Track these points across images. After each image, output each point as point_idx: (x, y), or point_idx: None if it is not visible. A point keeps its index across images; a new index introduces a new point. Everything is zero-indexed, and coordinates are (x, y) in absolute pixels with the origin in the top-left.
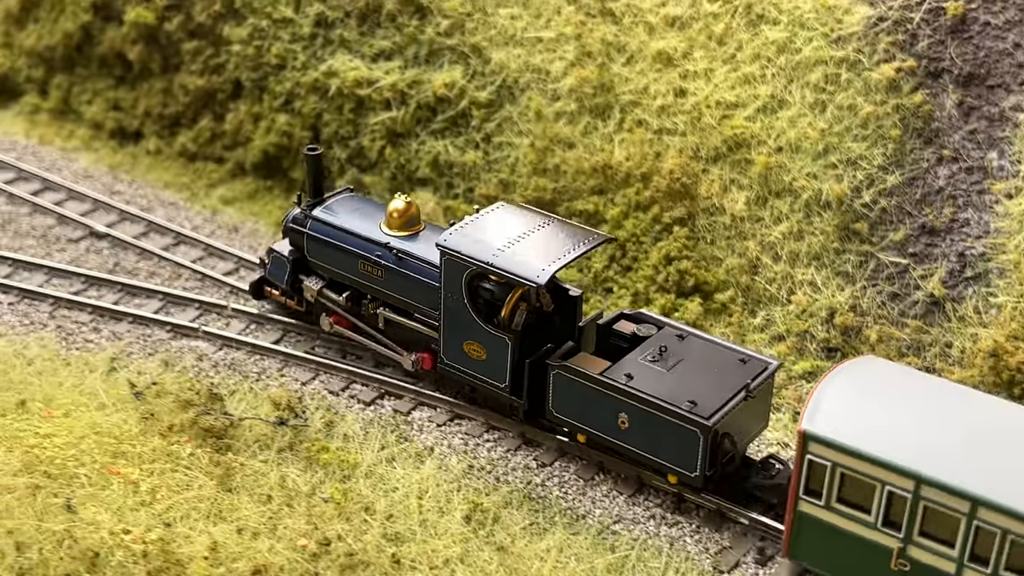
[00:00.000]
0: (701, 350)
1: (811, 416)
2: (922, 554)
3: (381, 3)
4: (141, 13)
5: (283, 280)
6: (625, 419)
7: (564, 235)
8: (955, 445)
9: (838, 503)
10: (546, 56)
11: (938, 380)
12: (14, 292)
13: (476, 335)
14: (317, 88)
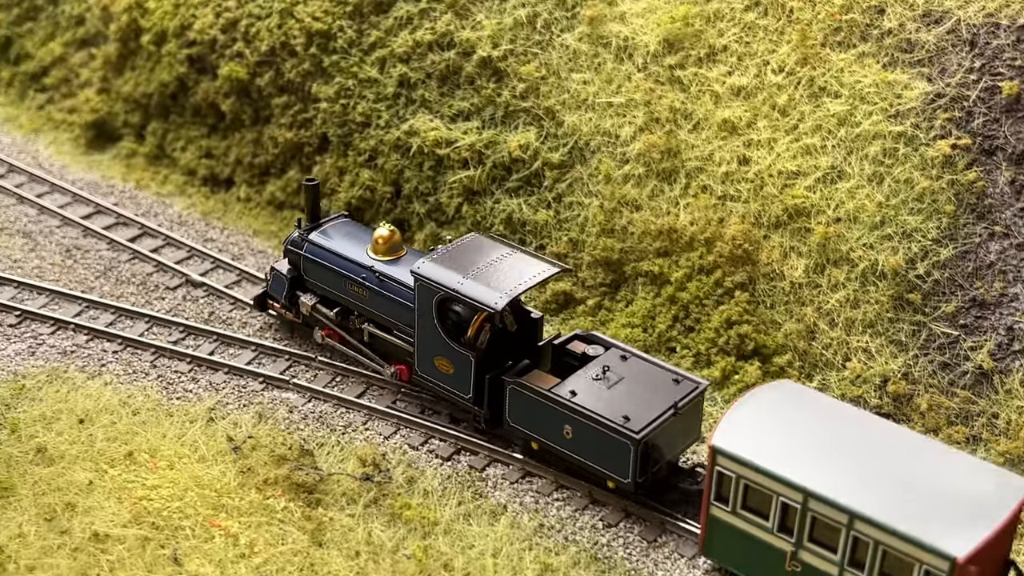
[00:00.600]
0: (640, 370)
1: (721, 433)
2: (811, 558)
3: (461, 66)
4: (234, 68)
5: (282, 295)
6: (569, 430)
7: (525, 265)
8: (843, 464)
9: (743, 509)
10: (616, 121)
11: (841, 404)
12: (118, 340)
13: (445, 352)
14: (399, 146)
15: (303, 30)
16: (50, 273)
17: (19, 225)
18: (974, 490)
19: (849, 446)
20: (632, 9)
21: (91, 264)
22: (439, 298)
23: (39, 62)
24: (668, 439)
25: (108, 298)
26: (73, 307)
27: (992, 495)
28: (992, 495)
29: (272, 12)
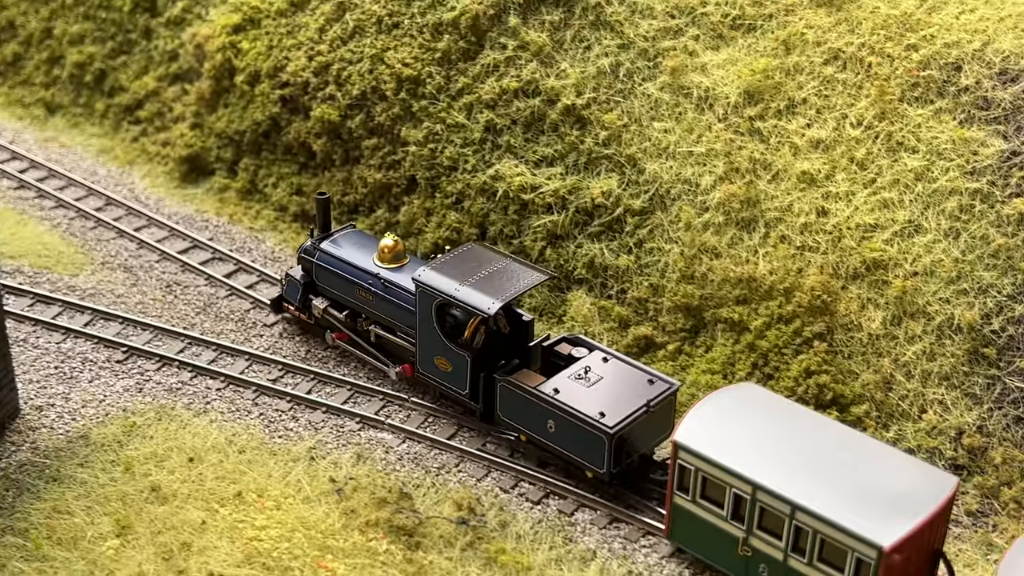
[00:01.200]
0: (619, 371)
1: (683, 430)
2: (760, 544)
3: (545, 113)
4: (326, 110)
5: (296, 299)
6: (552, 424)
7: (517, 273)
8: (791, 460)
9: (701, 499)
10: (696, 169)
11: (797, 407)
12: (221, 378)
13: (443, 352)
14: (485, 190)
15: (393, 76)
16: (152, 308)
17: (120, 259)
18: (907, 486)
19: (798, 444)
20: (713, 60)
21: (191, 300)
22: (438, 303)
23: (133, 95)
24: (641, 434)
25: (209, 335)
26: (176, 343)
27: (923, 491)
28: (923, 491)
29: (363, 57)
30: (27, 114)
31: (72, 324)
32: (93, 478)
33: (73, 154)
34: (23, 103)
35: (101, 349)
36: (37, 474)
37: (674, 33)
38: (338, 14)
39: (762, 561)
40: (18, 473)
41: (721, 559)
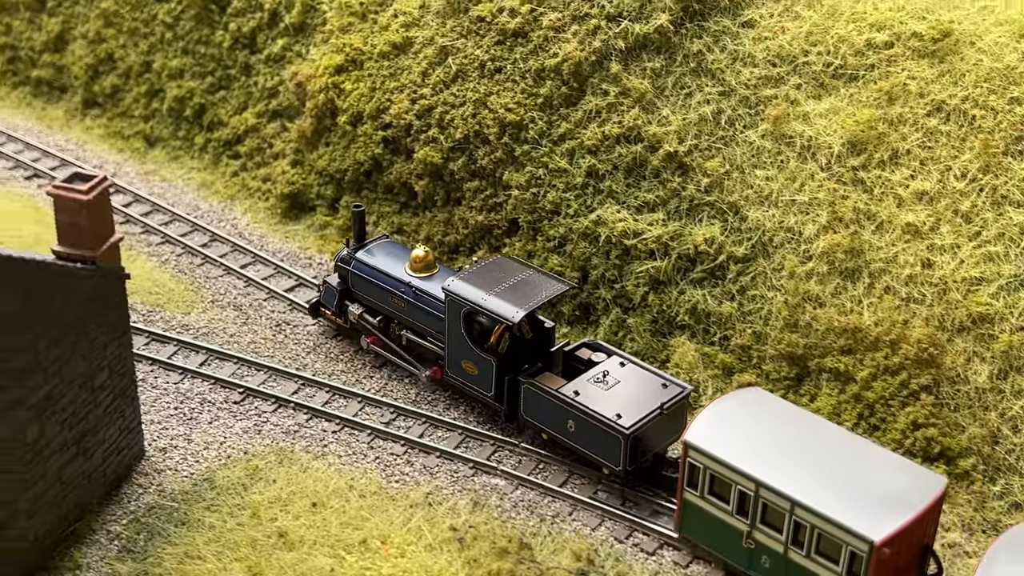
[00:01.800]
0: (635, 375)
1: (693, 430)
2: (763, 537)
3: (647, 159)
4: (429, 153)
5: (333, 304)
6: (572, 424)
7: (540, 283)
8: (792, 460)
9: (709, 494)
10: (799, 218)
11: (800, 410)
12: (336, 420)
13: (470, 356)
14: (587, 234)
15: (496, 120)
16: (264, 348)
17: (229, 297)
18: (900, 486)
19: (800, 445)
20: (815, 109)
21: (300, 339)
22: (466, 311)
23: (232, 130)
24: (655, 434)
25: (321, 375)
26: (290, 384)
27: (914, 491)
28: (914, 491)
29: (466, 101)
30: (127, 146)
31: (188, 364)
32: (221, 523)
33: (175, 188)
34: (123, 135)
35: (218, 389)
36: (166, 517)
37: (775, 81)
38: (441, 58)
39: (764, 553)
40: (148, 516)
41: (727, 551)
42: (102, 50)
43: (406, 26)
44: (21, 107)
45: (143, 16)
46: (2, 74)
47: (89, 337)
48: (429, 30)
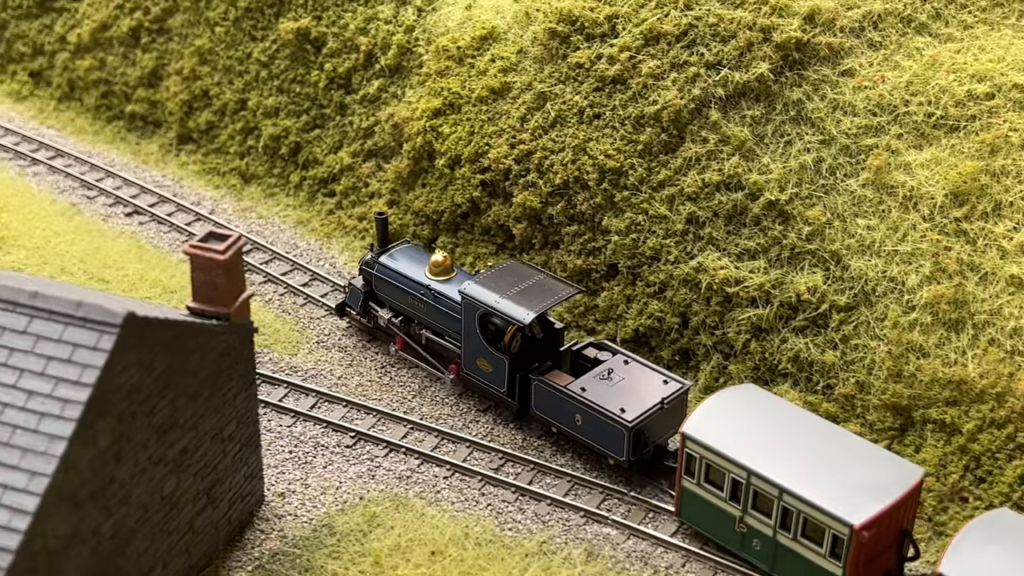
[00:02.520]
0: (638, 372)
1: (690, 423)
2: (753, 521)
3: (747, 207)
4: (528, 197)
5: (357, 305)
6: (579, 418)
7: (550, 287)
8: (781, 450)
9: (705, 482)
10: (902, 268)
11: (790, 405)
12: (447, 466)
13: (485, 355)
14: (687, 281)
15: (595, 166)
16: (371, 391)
17: (334, 339)
18: (880, 475)
19: (789, 437)
20: (917, 160)
21: (405, 383)
22: (481, 312)
23: (327, 168)
24: (656, 427)
25: (428, 420)
26: (399, 428)
27: (893, 480)
28: (893, 480)
29: (565, 147)
30: (223, 183)
31: (300, 407)
32: (344, 570)
33: (272, 225)
34: (218, 171)
35: (330, 433)
36: (290, 564)
37: (876, 131)
38: (539, 103)
39: (755, 536)
40: (272, 563)
41: (721, 534)
42: (197, 87)
43: (504, 71)
44: (116, 141)
45: (238, 54)
46: (96, 108)
47: (221, 390)
48: (527, 75)
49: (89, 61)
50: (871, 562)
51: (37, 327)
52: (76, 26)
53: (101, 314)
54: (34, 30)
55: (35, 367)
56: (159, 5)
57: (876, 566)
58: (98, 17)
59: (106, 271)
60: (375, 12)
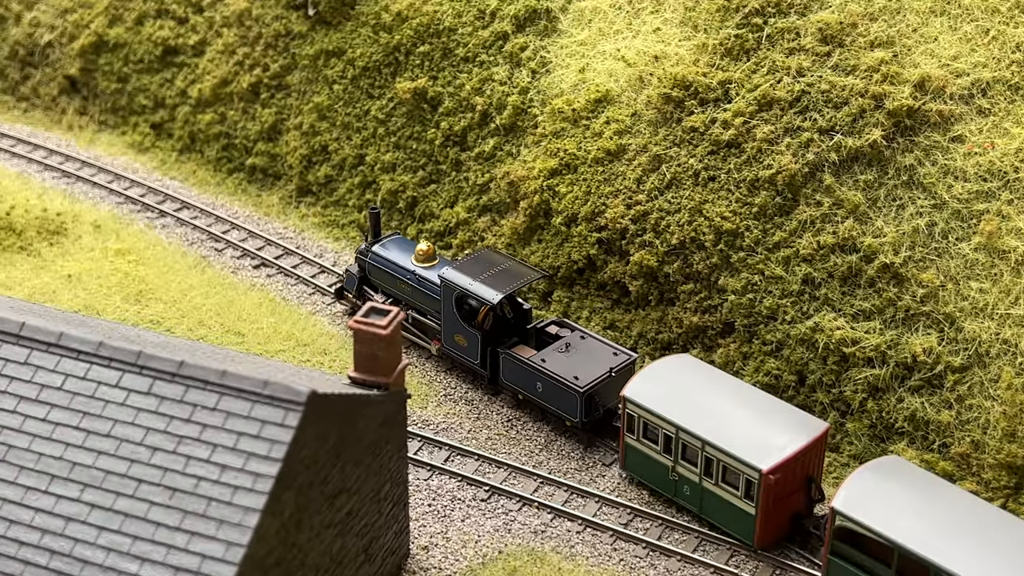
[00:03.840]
0: (592, 346)
1: (630, 387)
2: (683, 470)
3: (862, 269)
4: (644, 256)
5: (353, 289)
6: (540, 385)
7: (518, 271)
8: (704, 408)
9: (643, 438)
10: (1016, 331)
11: (717, 371)
12: (578, 521)
13: (461, 331)
14: (804, 340)
15: (712, 228)
16: (500, 445)
17: (460, 392)
18: (787, 427)
19: (712, 398)
20: None
21: (532, 436)
22: (457, 294)
23: (444, 222)
24: (606, 392)
25: (556, 474)
26: (530, 483)
27: (799, 432)
28: (799, 432)
29: (681, 208)
30: (343, 235)
31: (434, 460)
32: None
33: None
34: (338, 224)
35: (465, 487)
36: None
37: (987, 196)
38: (654, 165)
39: (685, 483)
40: None
41: (658, 482)
42: (316, 142)
43: (619, 133)
44: (237, 193)
45: (356, 111)
46: (217, 160)
47: (379, 455)
48: (642, 138)
49: (210, 115)
50: (780, 503)
51: (227, 404)
52: (197, 81)
53: (287, 392)
54: (155, 84)
55: (227, 442)
56: (278, 63)
57: (785, 507)
58: (218, 73)
59: (240, 324)
60: (490, 73)
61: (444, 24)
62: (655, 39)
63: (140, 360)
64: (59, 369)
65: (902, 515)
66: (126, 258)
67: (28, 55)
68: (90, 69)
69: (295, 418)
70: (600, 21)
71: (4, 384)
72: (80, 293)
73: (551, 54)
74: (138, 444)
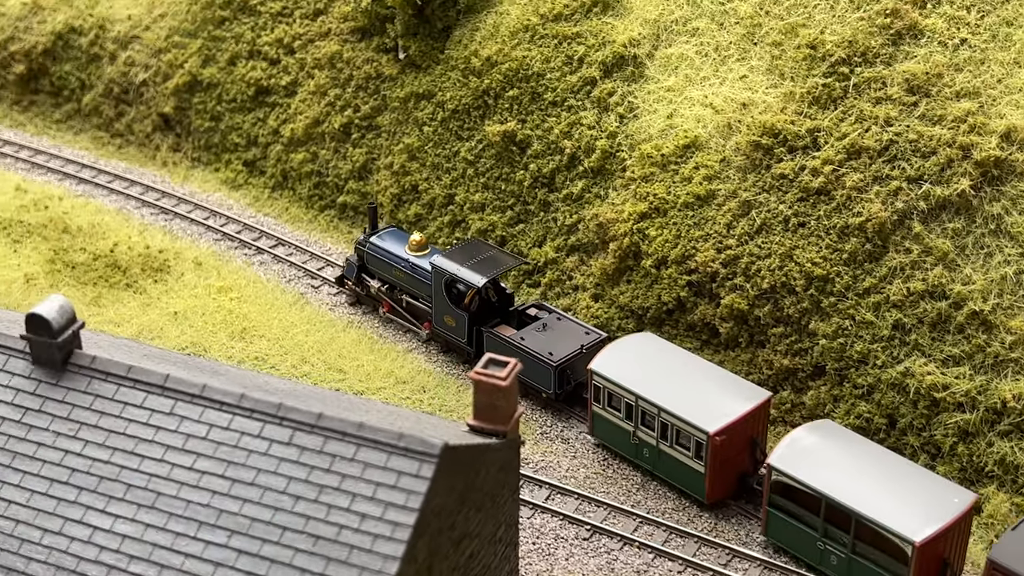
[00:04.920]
0: (567, 326)
1: (595, 362)
2: (643, 435)
3: (951, 315)
4: (735, 299)
5: (352, 277)
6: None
7: (501, 259)
8: (661, 380)
9: (608, 407)
10: None
11: (675, 347)
12: (679, 561)
13: (450, 312)
14: (895, 384)
15: (802, 273)
16: (598, 484)
17: (556, 430)
18: (732, 395)
19: (669, 371)
20: None
21: (628, 475)
22: (447, 279)
23: (532, 261)
24: (577, 367)
25: (654, 513)
26: (629, 522)
27: (744, 399)
28: (744, 399)
29: (772, 254)
30: None
31: (535, 499)
32: None
33: None
34: None
35: (567, 525)
36: None
37: None
38: (744, 210)
39: (645, 446)
40: None
41: (621, 446)
42: (406, 181)
43: (708, 179)
44: (329, 229)
45: (445, 152)
46: (309, 197)
47: (497, 499)
48: (731, 184)
49: (302, 154)
50: (727, 462)
51: (364, 455)
52: (289, 120)
53: (421, 445)
54: (248, 123)
55: (365, 492)
56: (368, 104)
57: (732, 466)
58: (310, 113)
59: (341, 361)
60: (578, 118)
61: (533, 69)
62: (742, 86)
63: (280, 411)
64: (203, 419)
65: (828, 470)
66: (228, 295)
67: (123, 93)
68: (184, 107)
69: (429, 469)
70: (687, 68)
71: (151, 434)
72: (187, 330)
73: (638, 99)
74: (281, 492)
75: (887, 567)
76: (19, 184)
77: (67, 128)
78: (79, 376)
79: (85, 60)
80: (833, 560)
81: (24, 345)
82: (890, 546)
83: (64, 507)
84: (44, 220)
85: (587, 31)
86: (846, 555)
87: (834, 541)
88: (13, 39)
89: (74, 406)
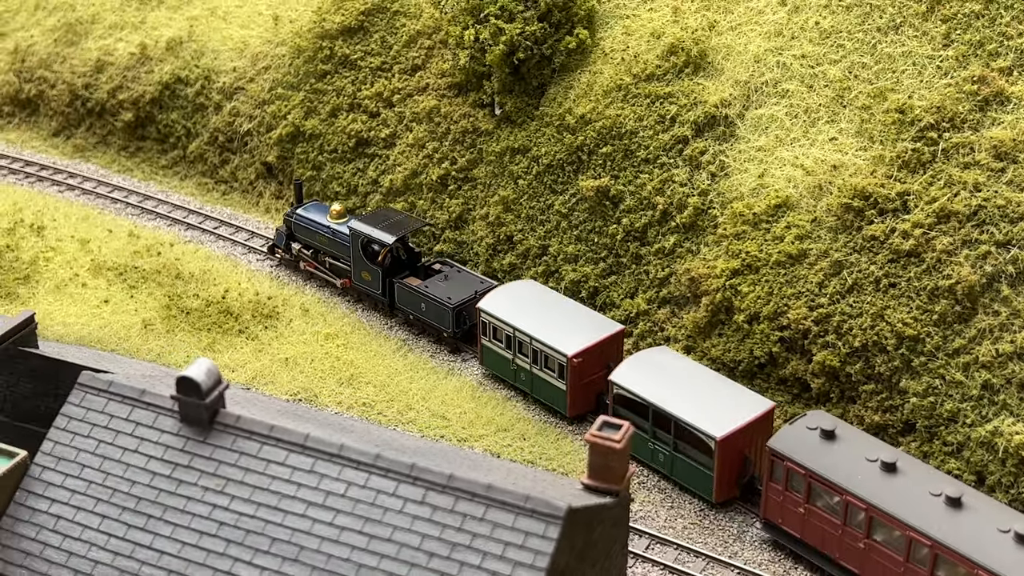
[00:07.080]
0: (465, 277)
1: (483, 302)
2: (520, 362)
3: None
4: (827, 356)
5: (282, 244)
6: (423, 306)
7: (408, 221)
8: (536, 316)
9: (493, 339)
10: None
11: (551, 292)
12: None
13: (366, 268)
14: (984, 443)
15: (893, 333)
16: (695, 534)
17: (653, 480)
18: (590, 327)
19: (541, 308)
20: None
21: (724, 525)
22: (363, 239)
23: (624, 311)
24: (472, 311)
25: (752, 565)
26: (729, 573)
27: (599, 329)
28: (599, 329)
29: (863, 313)
30: None
31: (636, 548)
32: None
33: None
34: None
35: (668, 575)
36: None
37: None
38: (835, 270)
39: (521, 371)
40: None
41: (504, 372)
42: (501, 232)
43: (799, 238)
44: None
45: (540, 205)
46: None
47: (609, 554)
48: (823, 243)
49: (401, 203)
50: (586, 383)
51: (493, 515)
52: (388, 171)
53: (547, 507)
54: (348, 172)
55: (495, 551)
56: (465, 157)
57: (591, 387)
58: (409, 165)
59: (445, 408)
60: (670, 175)
61: (626, 127)
62: (832, 148)
63: (413, 471)
64: (342, 477)
65: (657, 384)
66: (335, 342)
67: (227, 141)
68: (286, 156)
69: (555, 531)
70: (777, 128)
71: (293, 490)
72: (298, 376)
73: (730, 158)
74: (416, 549)
75: (698, 460)
76: (131, 230)
77: (173, 174)
78: (225, 434)
79: (191, 109)
80: (660, 458)
81: (173, 404)
82: (699, 443)
83: (213, 558)
84: (157, 266)
85: (679, 91)
86: (669, 453)
87: (661, 442)
88: (122, 87)
89: (221, 463)
